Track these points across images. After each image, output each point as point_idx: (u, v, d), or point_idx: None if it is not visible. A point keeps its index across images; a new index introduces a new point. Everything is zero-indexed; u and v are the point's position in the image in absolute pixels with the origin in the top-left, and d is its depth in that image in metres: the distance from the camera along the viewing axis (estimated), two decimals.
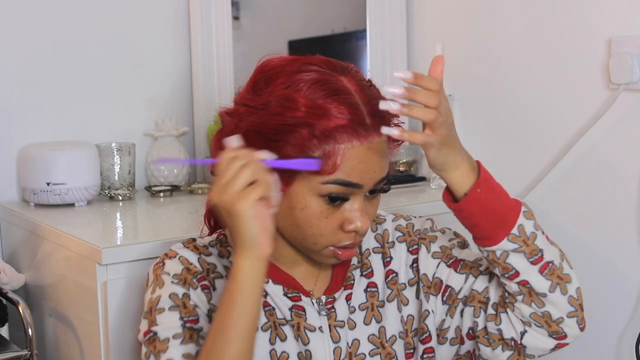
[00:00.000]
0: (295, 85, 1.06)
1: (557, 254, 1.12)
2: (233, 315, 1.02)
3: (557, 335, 1.13)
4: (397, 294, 1.22)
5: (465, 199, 1.07)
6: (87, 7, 1.94)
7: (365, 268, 1.22)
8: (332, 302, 1.19)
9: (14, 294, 1.64)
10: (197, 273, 1.14)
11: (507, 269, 1.10)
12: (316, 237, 1.10)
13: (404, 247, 1.24)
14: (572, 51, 1.80)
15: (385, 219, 1.27)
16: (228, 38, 2.05)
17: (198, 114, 2.06)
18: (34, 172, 1.78)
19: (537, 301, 1.11)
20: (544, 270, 1.10)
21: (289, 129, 1.05)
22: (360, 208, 1.09)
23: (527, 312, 1.12)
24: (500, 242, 1.08)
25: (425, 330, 1.21)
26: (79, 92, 1.94)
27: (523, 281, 1.10)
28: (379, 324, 1.20)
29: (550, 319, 1.12)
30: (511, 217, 1.08)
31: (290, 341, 1.16)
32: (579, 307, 1.12)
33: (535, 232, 1.10)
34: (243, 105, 1.11)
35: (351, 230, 1.09)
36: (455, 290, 1.20)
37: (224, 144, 1.04)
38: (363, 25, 2.20)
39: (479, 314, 1.18)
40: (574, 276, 1.12)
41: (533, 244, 1.09)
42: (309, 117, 1.04)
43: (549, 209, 1.86)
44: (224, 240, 1.20)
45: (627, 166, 1.70)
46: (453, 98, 2.06)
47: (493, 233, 1.08)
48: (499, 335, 1.16)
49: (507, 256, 1.09)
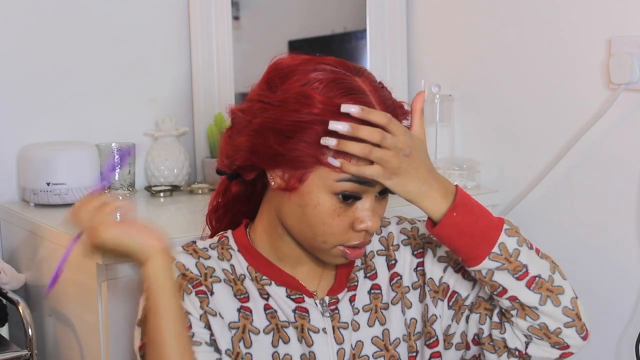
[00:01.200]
0: (311, 83, 1.08)
1: (546, 267, 1.12)
2: (161, 321, 1.07)
3: (560, 346, 1.14)
4: (401, 297, 1.22)
5: (440, 224, 1.09)
6: (87, 7, 1.94)
7: (369, 270, 1.22)
8: (335, 303, 1.19)
9: (14, 294, 1.64)
10: (193, 279, 1.14)
11: (495, 286, 1.11)
12: (327, 235, 1.10)
13: (408, 251, 1.24)
14: (572, 51, 1.80)
15: (389, 222, 1.27)
16: (228, 38, 2.05)
17: (198, 114, 2.05)
18: (34, 172, 1.78)
19: (531, 314, 1.12)
20: (531, 284, 1.10)
21: (304, 126, 1.06)
22: (372, 208, 1.10)
23: (524, 326, 1.13)
24: (482, 262, 1.09)
25: (432, 335, 1.21)
26: (79, 92, 1.94)
27: (512, 297, 1.11)
28: (382, 326, 1.20)
29: (548, 331, 1.12)
30: (491, 236, 1.09)
31: (293, 343, 1.15)
32: (576, 317, 1.12)
33: (519, 248, 1.10)
34: (258, 102, 1.11)
35: (362, 229, 1.10)
36: (462, 297, 1.20)
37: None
38: (363, 25, 2.20)
39: (485, 321, 1.18)
40: (567, 287, 1.13)
41: (516, 260, 1.10)
42: (325, 114, 1.05)
43: (549, 209, 1.86)
44: (226, 243, 1.20)
45: (627, 166, 1.70)
46: (453, 98, 2.06)
47: (474, 254, 1.09)
48: (503, 344, 1.17)
49: (492, 274, 1.10)
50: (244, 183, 1.22)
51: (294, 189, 1.09)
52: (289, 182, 1.10)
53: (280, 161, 1.09)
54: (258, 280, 1.17)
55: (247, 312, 1.15)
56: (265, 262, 1.18)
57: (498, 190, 1.95)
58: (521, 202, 1.89)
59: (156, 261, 1.08)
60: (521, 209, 1.89)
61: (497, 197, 1.94)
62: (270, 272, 1.18)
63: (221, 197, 1.25)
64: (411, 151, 1.06)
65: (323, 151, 1.06)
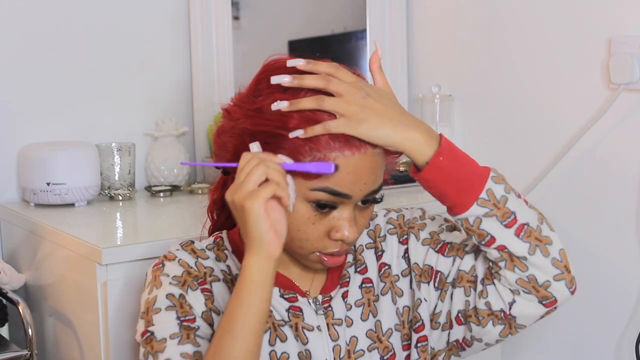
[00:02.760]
0: (294, 90, 1.07)
1: (534, 216, 1.10)
2: (240, 314, 1.02)
3: (547, 301, 1.12)
4: (390, 286, 1.21)
5: (427, 167, 1.06)
6: (87, 7, 1.94)
7: (360, 264, 1.22)
8: (328, 300, 1.19)
9: (14, 294, 1.64)
10: (198, 277, 1.14)
11: (483, 235, 1.09)
12: (302, 241, 1.10)
13: (395, 239, 1.23)
14: (572, 51, 1.80)
15: (377, 214, 1.26)
16: (228, 38, 2.05)
17: (198, 114, 2.06)
18: (34, 172, 1.78)
19: (520, 265, 1.10)
20: (520, 232, 1.08)
21: (281, 134, 1.05)
22: (349, 218, 1.09)
23: (512, 278, 1.11)
24: (470, 208, 1.07)
25: (418, 319, 1.20)
26: (79, 92, 1.94)
27: (500, 246, 1.09)
28: (375, 318, 1.20)
29: (537, 284, 1.10)
30: (478, 182, 1.07)
31: (290, 341, 1.15)
32: (565, 269, 1.10)
33: (507, 195, 1.08)
34: (239, 107, 1.11)
35: (337, 238, 1.09)
36: (445, 275, 1.19)
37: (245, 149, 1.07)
38: (363, 25, 2.20)
39: (470, 292, 1.17)
40: (555, 238, 1.11)
41: (504, 206, 1.08)
42: (301, 123, 1.04)
43: (549, 209, 1.85)
44: (221, 244, 1.20)
45: (627, 166, 1.70)
46: (453, 98, 2.06)
47: (461, 199, 1.07)
48: (488, 311, 1.15)
49: (480, 222, 1.08)
50: None
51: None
52: None
53: None
54: None
55: None
56: None
57: None
58: None
59: (268, 264, 1.02)
60: None
61: None
62: None
63: (220, 190, 1.25)
64: (369, 94, 1.04)
65: (300, 159, 1.05)
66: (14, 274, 1.70)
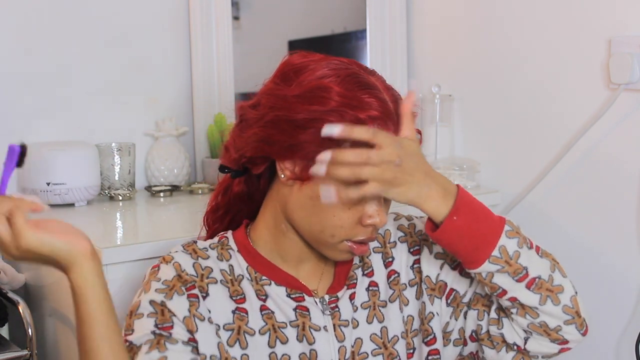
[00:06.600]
0: (328, 76, 1.09)
1: (546, 267, 1.12)
2: (90, 328, 1.05)
3: (559, 341, 1.14)
4: (399, 294, 1.22)
5: (441, 229, 1.08)
6: (87, 7, 1.94)
7: (366, 267, 1.23)
8: (335, 301, 1.19)
9: (14, 294, 1.64)
10: (187, 282, 1.14)
11: (494, 288, 1.11)
12: (336, 228, 1.11)
13: (404, 248, 1.24)
14: (572, 51, 1.80)
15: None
16: (228, 38, 2.05)
17: (198, 114, 2.06)
18: (34, 172, 1.78)
19: (531, 313, 1.12)
20: (531, 285, 1.10)
21: (319, 117, 1.06)
22: (381, 203, 1.11)
23: (524, 323, 1.13)
24: (482, 265, 1.09)
25: (430, 332, 1.21)
26: (79, 92, 1.94)
27: (512, 298, 1.11)
28: (380, 323, 1.20)
29: (548, 328, 1.13)
30: (492, 239, 1.09)
31: (292, 343, 1.15)
32: (575, 315, 1.13)
33: (519, 250, 1.10)
34: (272, 95, 1.11)
35: (370, 224, 1.11)
36: (460, 294, 1.21)
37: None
38: (363, 25, 2.20)
39: (483, 317, 1.19)
40: (567, 285, 1.13)
41: (516, 262, 1.09)
42: (341, 106, 1.06)
43: (549, 209, 1.86)
44: (226, 243, 1.20)
45: (627, 166, 1.70)
46: (453, 98, 2.06)
47: (474, 257, 1.09)
48: (501, 339, 1.17)
49: (492, 277, 1.10)
50: (246, 182, 1.23)
51: (307, 180, 1.09)
52: (301, 172, 1.10)
53: (295, 151, 1.09)
54: (257, 280, 1.17)
55: (242, 313, 1.15)
56: (265, 262, 1.18)
57: (498, 190, 1.95)
58: (521, 202, 1.89)
59: (86, 265, 1.02)
60: (521, 209, 1.89)
61: (497, 197, 1.94)
62: (269, 272, 1.18)
63: (222, 197, 1.25)
64: (402, 159, 1.05)
65: (339, 142, 1.06)
66: (14, 274, 1.70)
